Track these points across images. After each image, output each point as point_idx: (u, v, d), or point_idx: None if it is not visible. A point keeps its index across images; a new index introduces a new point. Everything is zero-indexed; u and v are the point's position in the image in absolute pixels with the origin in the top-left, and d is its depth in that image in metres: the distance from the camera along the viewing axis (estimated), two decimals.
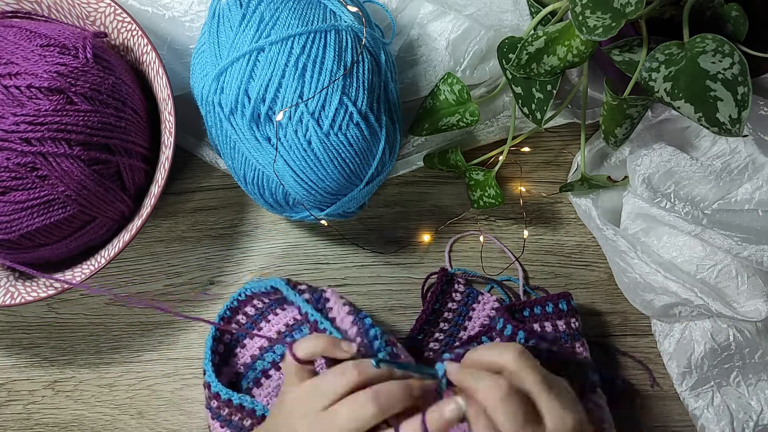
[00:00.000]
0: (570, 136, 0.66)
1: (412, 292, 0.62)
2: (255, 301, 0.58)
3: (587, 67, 0.56)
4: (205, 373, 0.54)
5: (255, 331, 0.57)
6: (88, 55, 0.53)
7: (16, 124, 0.49)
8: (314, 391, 0.43)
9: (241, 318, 0.58)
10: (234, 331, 0.57)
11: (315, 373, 0.46)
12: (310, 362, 0.46)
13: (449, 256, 0.63)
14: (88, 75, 0.52)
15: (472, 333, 0.59)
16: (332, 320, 0.54)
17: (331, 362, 0.46)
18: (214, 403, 0.54)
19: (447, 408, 0.40)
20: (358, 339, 0.51)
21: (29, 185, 0.51)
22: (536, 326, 0.58)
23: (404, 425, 0.41)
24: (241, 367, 0.57)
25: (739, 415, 0.57)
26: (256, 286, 0.57)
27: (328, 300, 0.55)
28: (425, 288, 0.62)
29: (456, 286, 0.60)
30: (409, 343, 0.59)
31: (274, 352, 0.57)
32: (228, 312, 0.58)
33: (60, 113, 0.50)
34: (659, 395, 0.60)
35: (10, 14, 0.59)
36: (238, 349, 0.58)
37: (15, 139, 0.49)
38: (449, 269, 0.62)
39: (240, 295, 0.57)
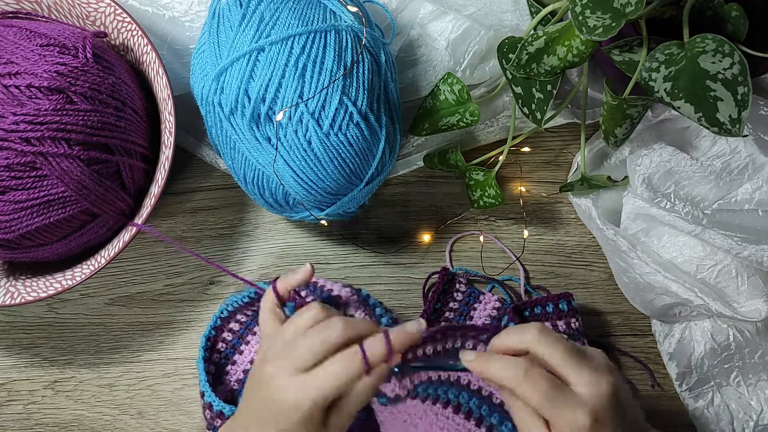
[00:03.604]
0: (570, 136, 0.66)
1: (412, 291, 0.62)
2: (239, 316, 0.58)
3: (587, 67, 0.56)
4: (203, 395, 0.54)
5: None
6: (88, 55, 0.53)
7: (16, 123, 0.49)
8: (283, 329, 0.44)
9: (227, 335, 0.58)
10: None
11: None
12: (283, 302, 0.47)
13: (450, 255, 0.63)
14: (87, 75, 0.52)
15: None
16: (330, 291, 0.54)
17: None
18: (218, 422, 0.53)
19: (409, 324, 0.42)
20: (360, 309, 0.51)
21: (29, 185, 0.51)
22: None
23: (368, 341, 0.41)
24: (235, 384, 0.57)
25: (739, 415, 0.57)
26: (238, 298, 0.57)
27: (317, 284, 0.55)
28: (426, 287, 0.62)
29: (457, 285, 0.60)
30: None
31: None
32: (213, 331, 0.57)
33: (60, 113, 0.50)
34: (659, 395, 0.60)
35: (11, 14, 0.59)
36: (229, 367, 0.57)
37: (15, 139, 0.49)
38: (451, 269, 0.62)
39: (222, 312, 0.57)
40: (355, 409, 0.42)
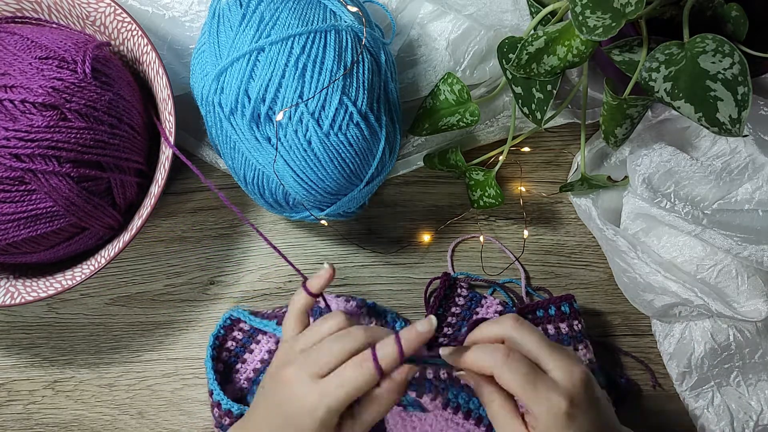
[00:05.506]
0: (570, 136, 0.66)
1: (412, 292, 0.62)
2: (242, 324, 0.58)
3: (587, 67, 0.56)
4: (212, 394, 0.54)
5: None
6: (87, 70, 0.52)
7: (7, 139, 0.49)
8: (302, 336, 0.45)
9: (237, 334, 0.58)
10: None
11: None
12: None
13: (451, 259, 0.63)
14: (84, 91, 0.52)
15: None
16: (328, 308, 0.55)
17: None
18: (227, 421, 0.53)
19: (419, 324, 0.42)
20: (372, 321, 0.51)
21: (17, 198, 0.50)
22: (539, 329, 0.57)
23: (379, 344, 0.42)
24: (245, 383, 0.57)
25: (739, 415, 0.57)
26: (236, 313, 0.58)
27: (319, 303, 0.55)
28: (428, 293, 0.62)
29: (459, 290, 0.60)
30: None
31: None
32: (222, 330, 0.57)
33: (52, 130, 0.50)
34: (659, 395, 0.60)
35: (19, 19, 0.58)
36: (239, 365, 0.57)
37: (5, 154, 0.49)
38: (452, 273, 0.62)
39: (232, 314, 0.58)
40: (372, 418, 0.42)
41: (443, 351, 0.43)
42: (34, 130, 0.49)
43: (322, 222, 0.57)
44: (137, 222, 0.54)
